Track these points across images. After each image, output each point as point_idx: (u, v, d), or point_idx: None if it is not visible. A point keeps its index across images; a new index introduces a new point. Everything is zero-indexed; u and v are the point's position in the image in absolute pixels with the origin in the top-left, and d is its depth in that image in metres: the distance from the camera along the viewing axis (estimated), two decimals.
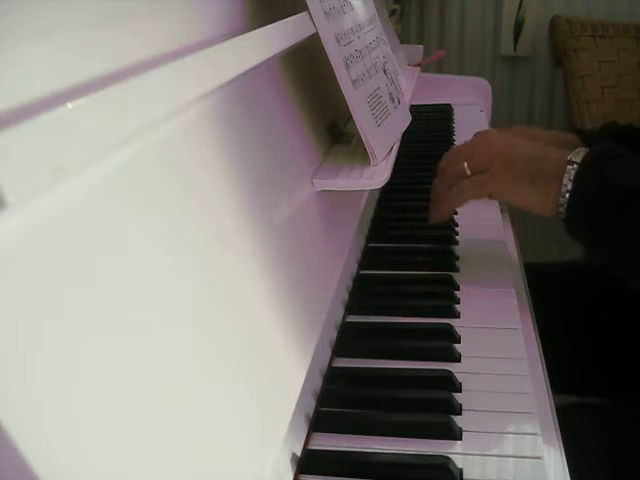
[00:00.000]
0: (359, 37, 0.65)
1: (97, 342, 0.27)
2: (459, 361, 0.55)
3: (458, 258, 0.72)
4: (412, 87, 1.03)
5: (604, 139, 0.86)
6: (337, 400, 0.51)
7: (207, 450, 0.32)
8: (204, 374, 0.34)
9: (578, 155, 0.60)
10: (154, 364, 0.30)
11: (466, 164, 0.64)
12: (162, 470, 0.29)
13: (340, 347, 0.57)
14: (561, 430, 0.48)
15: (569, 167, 0.59)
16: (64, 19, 0.31)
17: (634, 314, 0.81)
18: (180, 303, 0.34)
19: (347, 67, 0.59)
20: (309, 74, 0.67)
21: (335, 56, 0.57)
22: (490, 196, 0.64)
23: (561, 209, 0.60)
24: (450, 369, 0.53)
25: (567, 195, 0.59)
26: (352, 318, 0.62)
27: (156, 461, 0.29)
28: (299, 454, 0.44)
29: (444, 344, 0.57)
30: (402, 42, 1.35)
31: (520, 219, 0.97)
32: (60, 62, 0.30)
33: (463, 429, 0.47)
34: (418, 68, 1.21)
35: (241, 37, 0.45)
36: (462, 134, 1.19)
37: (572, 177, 0.59)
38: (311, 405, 0.49)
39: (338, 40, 0.59)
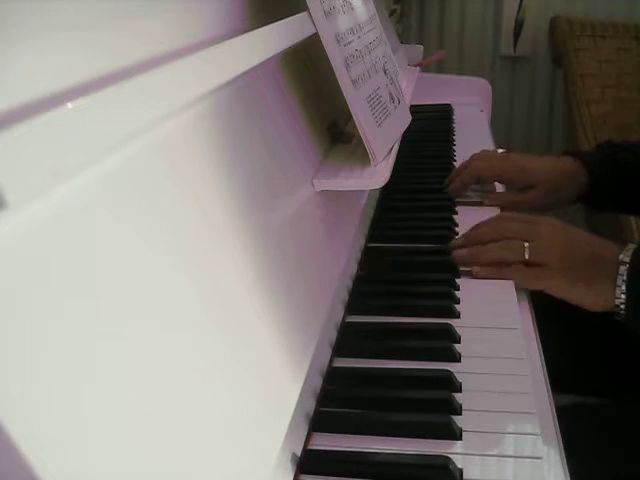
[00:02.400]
0: (359, 37, 0.65)
1: (97, 342, 0.27)
2: (459, 361, 0.55)
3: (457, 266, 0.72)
4: (412, 87, 1.03)
5: (603, 161, 0.87)
6: (337, 400, 0.51)
7: (207, 450, 0.32)
8: (203, 374, 0.34)
9: (627, 253, 0.63)
10: (154, 364, 0.30)
11: (526, 244, 0.66)
12: (162, 470, 0.29)
13: (340, 347, 0.57)
14: (561, 430, 0.48)
15: (622, 267, 0.62)
16: (64, 19, 0.31)
17: None
18: (179, 303, 0.34)
19: (347, 67, 0.59)
20: (309, 74, 0.67)
21: (335, 56, 0.57)
22: (543, 290, 0.66)
23: (617, 309, 0.63)
24: (450, 369, 0.53)
25: (622, 296, 0.62)
26: (352, 318, 0.62)
27: (156, 461, 0.29)
28: (299, 454, 0.44)
29: (444, 344, 0.57)
30: (402, 42, 1.35)
31: None
32: (60, 62, 0.30)
33: (463, 429, 0.47)
34: (418, 68, 1.21)
35: (241, 37, 0.45)
36: (462, 134, 1.19)
37: (625, 277, 0.62)
38: (311, 405, 0.49)
39: (338, 40, 0.59)
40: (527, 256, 0.66)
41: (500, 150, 0.94)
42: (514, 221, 0.72)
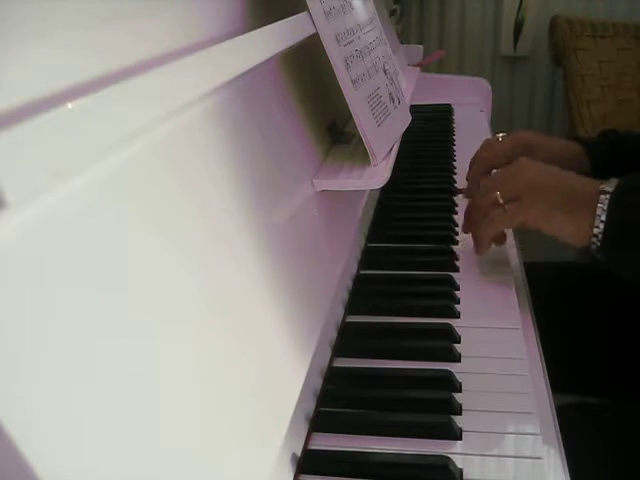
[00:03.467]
0: (359, 37, 0.65)
1: (97, 341, 0.27)
2: (459, 361, 0.55)
3: (458, 258, 0.72)
4: (412, 87, 1.03)
5: (605, 148, 0.86)
6: (337, 400, 0.51)
7: (207, 450, 0.32)
8: (204, 374, 0.34)
9: (610, 184, 0.61)
10: (154, 364, 0.30)
11: (498, 193, 0.65)
12: (162, 470, 0.29)
13: (340, 347, 0.57)
14: (561, 430, 0.48)
15: (602, 197, 0.60)
16: (64, 19, 0.31)
17: (634, 314, 0.81)
18: (180, 302, 0.34)
19: (347, 67, 0.59)
20: (309, 74, 0.67)
21: (335, 56, 0.57)
22: (523, 225, 0.64)
23: (594, 239, 0.61)
24: (450, 369, 0.53)
25: (601, 225, 0.60)
26: (352, 318, 0.62)
27: (156, 461, 0.29)
28: (299, 454, 0.44)
29: (444, 344, 0.57)
30: (402, 42, 1.35)
31: None
32: (60, 62, 0.30)
33: (463, 429, 0.47)
34: (418, 68, 1.21)
35: (241, 37, 0.45)
36: (462, 134, 1.19)
37: (606, 206, 0.60)
38: (311, 405, 0.49)
39: (338, 40, 0.59)
40: (501, 201, 0.64)
41: (500, 135, 0.93)
42: (486, 179, 0.71)
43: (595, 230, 0.60)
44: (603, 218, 0.60)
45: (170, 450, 0.30)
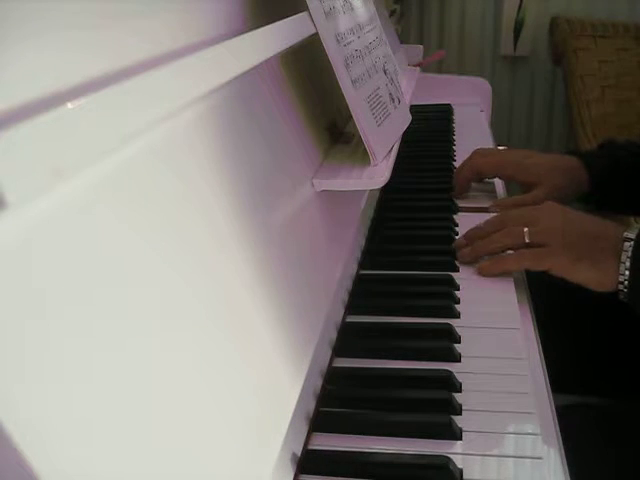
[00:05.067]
0: (359, 37, 0.65)
1: (98, 342, 0.27)
2: (459, 361, 0.55)
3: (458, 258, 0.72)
4: (412, 87, 1.03)
5: (604, 160, 0.86)
6: (337, 400, 0.51)
7: (207, 450, 0.32)
8: (204, 374, 0.34)
9: (633, 231, 0.62)
10: (154, 365, 0.30)
11: (526, 230, 0.66)
12: (162, 471, 0.29)
13: (340, 347, 0.57)
14: (561, 430, 0.48)
15: (626, 244, 0.61)
16: (64, 19, 0.31)
17: (634, 314, 0.81)
18: (179, 303, 0.34)
19: (347, 67, 0.59)
20: (309, 74, 0.67)
21: (335, 56, 0.57)
22: (547, 270, 0.65)
23: (621, 286, 0.62)
24: (450, 369, 0.53)
25: (627, 272, 0.61)
26: (352, 318, 0.62)
27: (156, 461, 0.29)
28: (299, 454, 0.44)
29: (444, 344, 0.57)
30: (402, 42, 1.35)
31: None
32: (60, 62, 0.30)
33: (463, 429, 0.47)
34: (418, 68, 1.21)
35: (241, 37, 0.45)
36: (462, 134, 1.19)
37: (630, 254, 0.61)
38: (311, 405, 0.49)
39: (338, 40, 0.59)
40: (527, 239, 0.66)
41: (500, 148, 0.94)
42: (513, 211, 0.72)
43: (621, 278, 0.61)
44: (628, 265, 0.61)
45: (170, 450, 0.30)
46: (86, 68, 0.31)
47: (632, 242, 0.61)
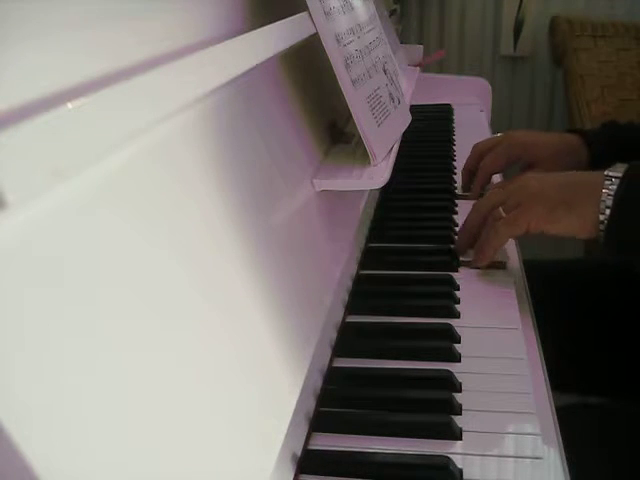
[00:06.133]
0: (359, 37, 0.65)
1: (98, 342, 0.27)
2: (459, 361, 0.55)
3: (458, 258, 0.72)
4: (412, 87, 1.03)
5: (605, 138, 0.86)
6: (337, 400, 0.51)
7: (207, 450, 0.32)
8: (204, 374, 0.34)
9: (616, 170, 0.60)
10: (154, 364, 0.30)
11: (501, 209, 0.65)
12: (163, 471, 0.29)
13: (340, 347, 0.57)
14: (561, 430, 0.48)
15: (607, 182, 0.59)
16: (64, 19, 0.31)
17: (634, 313, 0.81)
18: (180, 302, 0.34)
19: (347, 67, 0.59)
20: (309, 74, 0.67)
21: (335, 56, 0.57)
22: (528, 230, 0.63)
23: (601, 226, 0.59)
24: (450, 369, 0.53)
25: (607, 210, 0.58)
26: (352, 318, 0.62)
27: (156, 462, 0.29)
28: (299, 454, 0.44)
29: (444, 344, 0.57)
30: (402, 42, 1.35)
31: None
32: (60, 62, 0.30)
33: (463, 429, 0.47)
34: (418, 68, 1.21)
35: (241, 37, 0.45)
36: (462, 134, 1.19)
37: (612, 192, 0.58)
38: (311, 405, 0.49)
39: (338, 40, 0.59)
40: (504, 214, 0.64)
41: (497, 135, 0.93)
42: (488, 197, 0.70)
43: (601, 217, 0.59)
44: (609, 203, 0.58)
45: (170, 450, 0.30)
46: (86, 68, 0.31)
47: (614, 179, 0.59)
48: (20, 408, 0.22)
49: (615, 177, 0.59)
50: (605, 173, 0.60)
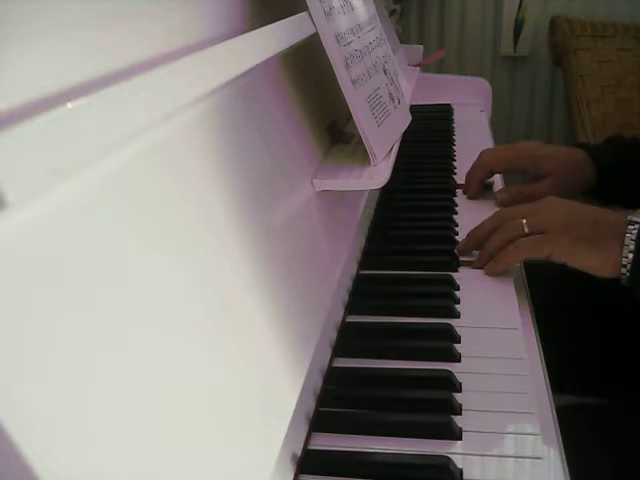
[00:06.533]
0: (359, 37, 0.65)
1: (97, 342, 0.27)
2: (459, 361, 0.55)
3: (458, 258, 0.72)
4: (412, 87, 1.03)
5: (611, 154, 0.86)
6: (337, 400, 0.51)
7: (207, 450, 0.32)
8: (204, 374, 0.34)
9: (638, 215, 0.61)
10: (154, 364, 0.30)
11: (525, 221, 0.65)
12: (162, 471, 0.29)
13: (340, 347, 0.57)
14: (561, 430, 0.48)
15: (630, 227, 0.60)
16: (64, 19, 0.31)
17: (634, 313, 0.81)
18: (180, 303, 0.34)
19: (347, 67, 0.59)
20: (309, 74, 0.67)
21: (335, 56, 0.57)
22: (548, 257, 0.65)
23: (624, 270, 0.61)
24: (450, 369, 0.53)
25: (630, 255, 0.60)
26: (352, 318, 0.62)
27: (156, 461, 0.29)
28: (299, 454, 0.44)
29: (444, 344, 0.57)
30: (402, 42, 1.35)
31: None
32: (60, 62, 0.30)
33: (463, 429, 0.47)
34: (418, 68, 1.21)
35: (241, 37, 0.45)
36: (462, 134, 1.19)
37: (634, 237, 0.60)
38: (311, 405, 0.49)
39: (338, 40, 0.59)
40: (527, 230, 0.65)
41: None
42: (506, 210, 0.72)
43: (624, 260, 0.60)
44: (632, 248, 0.60)
45: (170, 450, 0.30)
46: (86, 68, 0.31)
47: (636, 225, 0.60)
48: (20, 408, 0.22)
49: (637, 222, 0.61)
50: (628, 218, 0.61)
